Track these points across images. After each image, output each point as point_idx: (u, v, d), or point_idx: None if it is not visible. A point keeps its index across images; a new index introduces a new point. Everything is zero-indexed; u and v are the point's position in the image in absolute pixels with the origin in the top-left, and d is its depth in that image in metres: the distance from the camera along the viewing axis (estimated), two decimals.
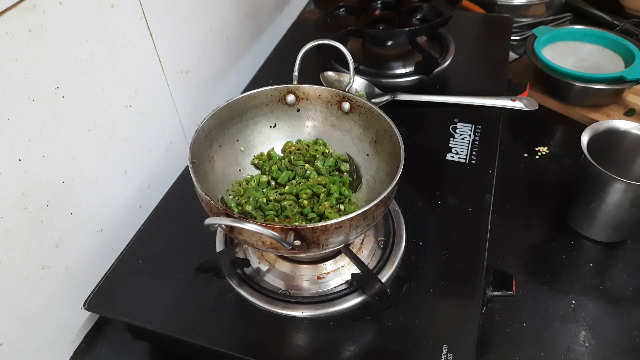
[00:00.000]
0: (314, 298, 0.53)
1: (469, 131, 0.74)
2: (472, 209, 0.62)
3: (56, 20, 0.48)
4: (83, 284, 0.58)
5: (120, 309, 0.53)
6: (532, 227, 0.71)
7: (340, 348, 0.49)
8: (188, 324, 0.52)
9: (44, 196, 0.51)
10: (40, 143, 0.49)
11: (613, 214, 0.64)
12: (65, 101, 0.51)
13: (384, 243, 0.58)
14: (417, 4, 0.87)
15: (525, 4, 1.11)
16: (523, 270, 0.65)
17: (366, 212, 0.44)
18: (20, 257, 0.49)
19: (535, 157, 0.81)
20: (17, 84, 0.45)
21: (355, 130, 0.59)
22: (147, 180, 0.67)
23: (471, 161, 0.69)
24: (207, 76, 0.78)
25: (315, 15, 1.05)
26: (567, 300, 0.62)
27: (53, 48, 0.48)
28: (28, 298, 0.51)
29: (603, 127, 0.66)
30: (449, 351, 0.48)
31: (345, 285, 0.54)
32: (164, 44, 0.65)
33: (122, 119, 0.60)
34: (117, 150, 0.60)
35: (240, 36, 0.87)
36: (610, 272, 0.65)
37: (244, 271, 0.56)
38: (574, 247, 0.68)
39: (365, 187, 0.58)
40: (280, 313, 0.52)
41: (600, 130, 0.65)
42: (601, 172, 0.60)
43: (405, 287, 0.54)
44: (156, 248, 0.59)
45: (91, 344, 0.60)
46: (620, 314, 0.60)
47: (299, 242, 0.44)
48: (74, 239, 0.56)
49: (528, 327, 0.59)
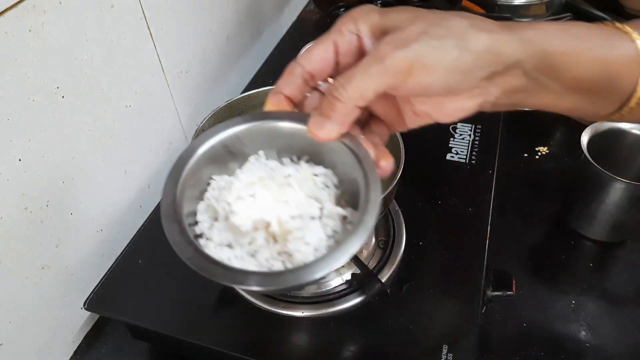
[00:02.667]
0: (314, 298, 0.53)
1: (469, 131, 0.74)
2: (472, 209, 0.62)
3: (56, 20, 0.48)
4: (83, 284, 0.58)
5: (120, 309, 0.53)
6: (532, 227, 0.71)
7: (340, 348, 0.49)
8: (188, 324, 0.52)
9: (44, 196, 0.51)
10: (40, 143, 0.49)
11: (613, 214, 0.64)
12: (65, 101, 0.51)
13: (384, 243, 0.58)
14: (417, 4, 0.87)
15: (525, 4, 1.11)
16: (523, 270, 0.65)
17: None
18: (20, 257, 0.49)
19: (535, 157, 0.81)
20: (17, 84, 0.45)
21: None
22: (147, 180, 0.67)
23: (471, 161, 0.69)
24: (207, 76, 0.78)
25: (315, 15, 1.05)
26: (567, 300, 0.62)
27: (53, 48, 0.48)
28: (28, 298, 0.51)
29: (603, 127, 0.66)
30: (449, 351, 0.48)
31: (345, 285, 0.54)
32: (164, 44, 0.65)
33: (122, 119, 0.60)
34: (117, 150, 0.60)
35: (240, 36, 0.87)
36: (610, 272, 0.65)
37: None
38: (574, 247, 0.68)
39: None
40: (280, 313, 0.52)
41: (600, 130, 0.65)
42: (601, 172, 0.60)
43: (405, 287, 0.54)
44: (156, 248, 0.59)
45: (91, 344, 0.60)
46: (620, 314, 0.60)
47: None
48: (74, 239, 0.56)
49: (528, 327, 0.59)
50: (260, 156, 0.35)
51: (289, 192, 0.32)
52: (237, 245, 0.32)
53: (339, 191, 0.34)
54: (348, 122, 0.31)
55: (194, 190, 0.34)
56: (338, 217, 0.33)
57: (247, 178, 0.33)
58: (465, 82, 0.29)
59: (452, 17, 0.29)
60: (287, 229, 0.31)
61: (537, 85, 0.31)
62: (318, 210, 0.32)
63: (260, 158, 0.35)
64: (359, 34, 0.31)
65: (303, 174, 0.34)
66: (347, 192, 0.34)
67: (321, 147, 0.33)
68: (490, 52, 0.28)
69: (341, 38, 0.31)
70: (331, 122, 0.30)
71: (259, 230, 0.32)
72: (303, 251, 0.31)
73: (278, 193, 0.32)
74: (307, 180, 0.33)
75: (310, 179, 0.33)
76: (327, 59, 0.32)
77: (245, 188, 0.32)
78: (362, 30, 0.31)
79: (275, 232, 0.31)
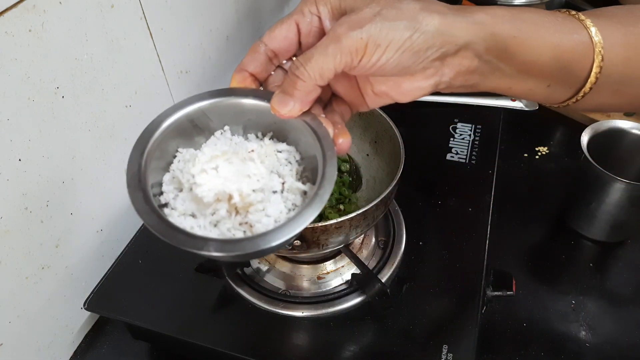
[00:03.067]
0: (314, 298, 0.53)
1: (469, 131, 0.74)
2: (472, 209, 0.62)
3: (56, 20, 0.48)
4: (83, 284, 0.58)
5: (120, 309, 0.53)
6: (532, 227, 0.71)
7: (340, 348, 0.49)
8: (188, 324, 0.52)
9: (44, 196, 0.51)
10: (40, 143, 0.49)
11: (613, 214, 0.64)
12: (65, 101, 0.51)
13: (384, 243, 0.58)
14: None
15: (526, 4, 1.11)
16: (523, 270, 0.65)
17: (366, 212, 0.44)
18: (20, 257, 0.49)
19: (535, 157, 0.81)
20: (17, 83, 0.45)
21: (355, 130, 0.59)
22: None
23: (471, 161, 0.69)
24: (207, 76, 0.78)
25: None
26: (567, 300, 0.62)
27: (53, 48, 0.48)
28: (28, 298, 0.51)
29: (603, 127, 0.66)
30: (449, 351, 0.48)
31: (346, 285, 0.54)
32: (164, 44, 0.65)
33: (122, 119, 0.60)
34: (117, 150, 0.60)
35: (240, 36, 0.87)
36: (611, 272, 0.65)
37: (244, 271, 0.56)
38: (574, 247, 0.68)
39: (365, 187, 0.58)
40: (280, 313, 0.52)
41: (600, 130, 0.65)
42: (601, 172, 0.60)
43: (405, 287, 0.54)
44: (156, 248, 0.59)
45: (91, 344, 0.60)
46: (620, 314, 0.60)
47: (298, 242, 0.44)
48: (74, 239, 0.56)
49: (528, 327, 0.59)
50: (225, 131, 0.36)
51: (251, 166, 0.34)
52: (200, 216, 0.33)
53: (300, 167, 0.36)
54: (309, 100, 0.32)
55: (159, 162, 0.35)
56: (299, 192, 0.34)
57: (211, 152, 0.34)
58: (418, 61, 0.30)
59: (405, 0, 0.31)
60: (248, 201, 0.32)
61: (490, 68, 0.32)
62: (280, 185, 0.34)
63: (226, 133, 0.36)
64: (319, 15, 0.33)
65: (266, 150, 0.35)
66: (309, 168, 0.35)
67: (285, 125, 0.35)
68: (441, 34, 0.30)
69: (303, 19, 0.33)
70: (293, 99, 0.32)
71: (221, 202, 0.33)
72: (264, 222, 0.32)
73: (241, 167, 0.34)
74: (270, 155, 0.35)
75: (274, 155, 0.35)
76: (290, 39, 0.33)
77: (208, 161, 0.34)
78: (322, 11, 0.33)
79: (237, 204, 0.32)
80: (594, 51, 0.32)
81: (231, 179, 0.33)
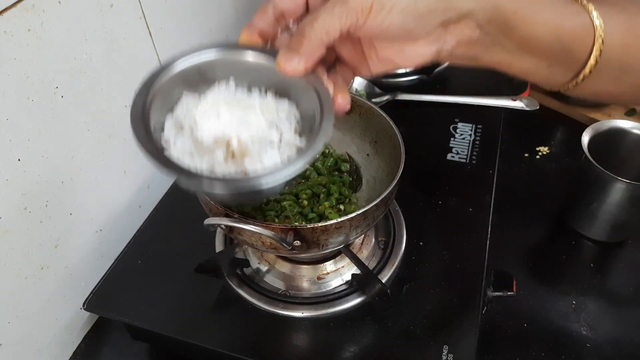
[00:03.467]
0: (314, 298, 0.53)
1: (469, 131, 0.74)
2: (472, 209, 0.62)
3: (55, 20, 0.48)
4: (82, 284, 0.58)
5: (119, 309, 0.53)
6: (532, 227, 0.71)
7: (340, 348, 0.49)
8: (188, 324, 0.52)
9: (43, 196, 0.50)
10: (40, 143, 0.49)
11: (614, 214, 0.64)
12: (65, 101, 0.51)
13: (384, 243, 0.58)
14: None
15: None
16: (523, 270, 0.65)
17: (366, 212, 0.44)
18: (19, 257, 0.49)
19: (535, 157, 0.81)
20: (17, 83, 0.45)
21: (355, 130, 0.59)
22: (146, 180, 0.67)
23: (472, 161, 0.69)
24: None
25: None
26: (568, 300, 0.62)
27: (52, 48, 0.48)
28: (27, 298, 0.51)
29: (604, 127, 0.65)
30: (449, 351, 0.47)
31: (346, 285, 0.54)
32: (163, 43, 0.65)
33: (121, 119, 0.60)
34: (117, 150, 0.60)
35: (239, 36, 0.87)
36: (611, 272, 0.65)
37: (244, 271, 0.56)
38: (574, 247, 0.68)
39: (365, 187, 0.58)
40: (280, 313, 0.52)
41: (601, 130, 0.65)
42: (602, 172, 0.60)
43: (406, 288, 0.54)
44: (155, 248, 0.59)
45: (91, 344, 0.60)
46: (621, 314, 0.60)
47: (298, 243, 0.44)
48: (73, 239, 0.56)
49: (528, 327, 0.59)
50: (230, 84, 0.37)
51: (252, 116, 0.35)
52: (197, 157, 0.34)
53: (299, 125, 0.37)
54: (314, 58, 0.33)
55: (164, 101, 0.36)
56: (295, 147, 0.35)
57: (215, 97, 0.36)
58: (421, 25, 0.31)
59: None
60: (246, 148, 0.33)
61: (492, 40, 0.33)
62: (278, 137, 0.35)
63: (231, 85, 0.37)
64: None
65: (268, 104, 0.36)
66: (307, 127, 0.36)
67: (288, 84, 0.36)
68: (444, 0, 0.31)
69: None
70: (299, 56, 0.33)
71: (219, 147, 0.34)
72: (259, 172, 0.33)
73: (242, 116, 0.35)
74: (271, 109, 0.36)
75: (274, 110, 0.36)
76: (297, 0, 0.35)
77: (211, 106, 0.35)
78: None
79: (235, 150, 0.33)
80: (594, 34, 0.33)
81: (232, 125, 0.34)
